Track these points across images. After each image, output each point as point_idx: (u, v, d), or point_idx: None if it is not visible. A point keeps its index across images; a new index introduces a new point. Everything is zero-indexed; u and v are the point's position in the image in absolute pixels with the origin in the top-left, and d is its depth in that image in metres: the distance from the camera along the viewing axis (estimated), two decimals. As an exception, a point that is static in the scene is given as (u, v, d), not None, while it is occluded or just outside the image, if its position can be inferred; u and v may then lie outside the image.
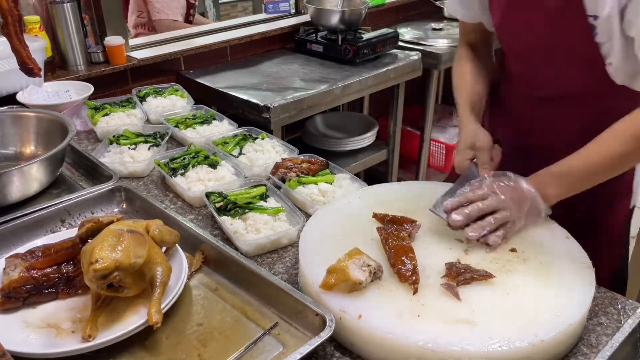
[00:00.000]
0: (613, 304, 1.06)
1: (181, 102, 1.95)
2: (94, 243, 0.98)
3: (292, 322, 1.01)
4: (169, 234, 1.11)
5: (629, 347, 0.99)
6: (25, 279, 1.02)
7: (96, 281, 0.94)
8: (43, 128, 1.57)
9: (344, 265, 0.99)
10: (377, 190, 1.32)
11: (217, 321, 1.03)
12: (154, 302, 0.97)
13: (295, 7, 3.10)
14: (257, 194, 1.32)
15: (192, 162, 1.48)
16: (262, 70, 2.61)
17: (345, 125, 3.03)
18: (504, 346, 0.87)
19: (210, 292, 1.10)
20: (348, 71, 2.59)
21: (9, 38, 1.30)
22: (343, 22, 2.70)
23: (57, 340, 0.96)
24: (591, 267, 1.05)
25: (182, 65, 2.54)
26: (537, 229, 1.16)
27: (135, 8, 3.22)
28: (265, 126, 2.18)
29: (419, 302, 0.96)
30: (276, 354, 0.95)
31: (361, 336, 0.93)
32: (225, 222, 1.23)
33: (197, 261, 1.16)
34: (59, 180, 1.49)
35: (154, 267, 1.01)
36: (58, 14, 2.11)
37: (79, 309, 1.03)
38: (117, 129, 1.67)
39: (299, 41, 2.86)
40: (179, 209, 1.37)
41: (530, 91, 1.39)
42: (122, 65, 2.26)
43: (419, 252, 1.10)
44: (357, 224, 1.19)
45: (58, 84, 2.03)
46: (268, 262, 1.18)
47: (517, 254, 1.09)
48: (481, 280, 1.00)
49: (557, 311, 0.94)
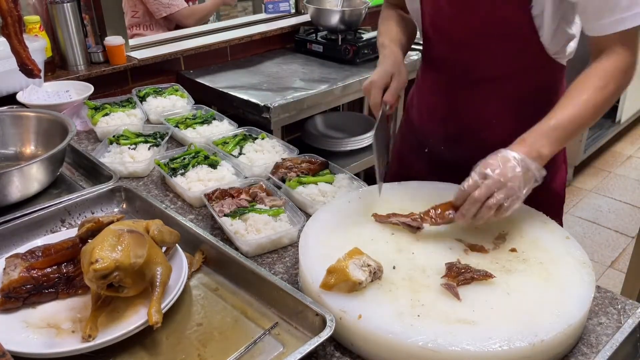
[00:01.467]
0: (613, 304, 1.06)
1: (181, 102, 1.94)
2: (94, 243, 0.98)
3: (292, 322, 1.01)
4: (169, 234, 1.11)
5: (629, 347, 0.99)
6: (25, 279, 1.02)
7: (96, 281, 0.94)
8: (43, 128, 1.57)
9: (344, 265, 0.99)
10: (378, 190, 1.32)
11: (217, 321, 1.03)
12: (154, 302, 0.97)
13: (295, 7, 3.10)
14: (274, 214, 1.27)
15: (192, 162, 1.48)
16: (262, 70, 2.61)
17: (345, 125, 3.03)
18: (504, 346, 0.87)
19: (210, 292, 1.10)
20: (348, 71, 2.59)
21: (8, 39, 1.30)
22: (343, 22, 2.70)
23: (57, 340, 0.96)
24: (591, 267, 1.05)
25: (182, 65, 2.55)
26: (537, 229, 1.16)
27: (129, 9, 3.21)
28: (265, 126, 2.18)
29: (419, 302, 0.96)
30: (276, 354, 0.96)
31: (361, 336, 0.93)
32: (226, 223, 1.23)
33: (197, 261, 1.16)
34: (59, 180, 1.49)
35: (154, 267, 1.01)
36: (58, 14, 2.11)
37: (79, 309, 1.03)
38: (117, 129, 1.67)
39: (299, 41, 2.86)
40: (179, 209, 1.38)
41: (459, 75, 1.38)
42: (122, 65, 2.26)
43: (420, 252, 1.10)
44: (357, 224, 1.19)
45: (58, 84, 2.03)
46: (268, 262, 1.18)
47: (517, 254, 1.09)
48: (481, 280, 1.00)
49: (557, 311, 0.94)
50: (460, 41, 1.33)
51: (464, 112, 1.41)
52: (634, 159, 4.25)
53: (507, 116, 1.36)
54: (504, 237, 1.15)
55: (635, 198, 3.75)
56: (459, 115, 1.42)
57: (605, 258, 3.17)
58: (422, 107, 1.54)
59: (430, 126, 1.50)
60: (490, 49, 1.30)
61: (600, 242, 3.30)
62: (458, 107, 1.42)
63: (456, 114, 1.43)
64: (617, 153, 4.32)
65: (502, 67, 1.32)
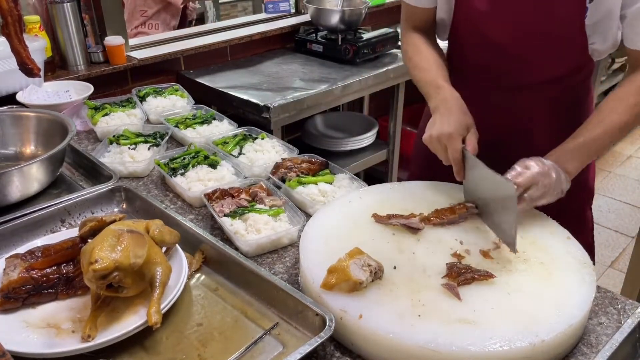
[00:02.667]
0: (613, 304, 1.06)
1: (181, 102, 1.94)
2: (93, 243, 0.98)
3: (292, 322, 1.01)
4: (169, 234, 1.10)
5: (628, 347, 0.99)
6: (25, 279, 1.02)
7: (96, 281, 0.94)
8: (43, 128, 1.57)
9: (345, 265, 0.99)
10: (378, 190, 1.32)
11: (217, 321, 1.03)
12: (153, 303, 0.96)
13: (295, 7, 3.10)
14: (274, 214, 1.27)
15: (192, 162, 1.48)
16: (262, 70, 2.61)
17: (345, 125, 3.03)
18: (504, 346, 0.87)
19: (210, 292, 1.10)
20: (348, 71, 2.59)
21: (8, 38, 1.30)
22: (343, 22, 2.70)
23: (57, 340, 0.96)
24: (592, 267, 1.05)
25: (182, 65, 2.54)
26: (538, 229, 1.16)
27: (137, 8, 3.21)
28: (265, 126, 2.18)
29: (419, 302, 0.96)
30: (276, 354, 0.95)
31: (362, 336, 0.93)
32: (226, 223, 1.23)
33: (197, 261, 1.16)
34: (59, 180, 1.49)
35: (153, 267, 1.01)
36: (58, 14, 2.11)
37: (79, 309, 1.03)
38: (117, 129, 1.67)
39: (299, 41, 2.86)
40: (179, 209, 1.37)
41: (496, 82, 1.38)
42: (122, 65, 2.26)
43: (420, 252, 1.10)
44: (358, 223, 1.18)
45: (58, 84, 2.03)
46: (268, 262, 1.18)
47: (518, 254, 1.09)
48: (482, 280, 1.00)
49: (558, 311, 0.94)
50: (505, 47, 1.31)
51: (498, 118, 1.40)
52: (634, 159, 4.25)
53: (543, 121, 1.37)
54: (504, 237, 1.14)
55: (635, 198, 3.75)
56: (493, 122, 1.40)
57: (605, 258, 3.17)
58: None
59: None
60: (536, 55, 1.30)
61: (600, 242, 3.30)
62: (492, 114, 1.40)
63: (490, 121, 1.39)
64: (617, 153, 4.32)
65: (544, 73, 1.32)
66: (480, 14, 1.32)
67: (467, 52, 1.41)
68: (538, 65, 1.32)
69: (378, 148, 2.94)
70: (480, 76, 1.41)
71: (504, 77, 1.36)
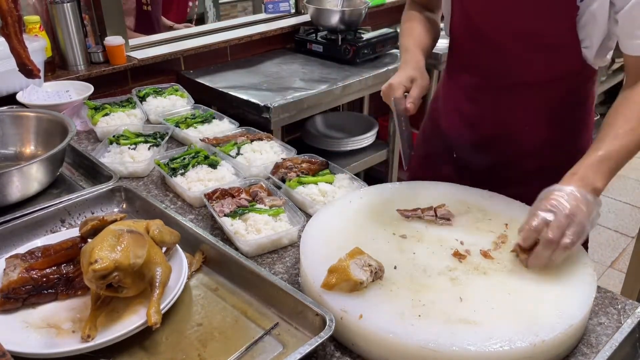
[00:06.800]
0: (613, 304, 1.06)
1: (181, 102, 1.94)
2: (93, 243, 0.98)
3: (292, 322, 1.01)
4: (169, 234, 1.10)
5: (628, 347, 0.99)
6: (25, 279, 1.02)
7: (95, 281, 0.94)
8: (43, 128, 1.57)
9: (345, 265, 0.99)
10: (378, 190, 1.32)
11: (217, 321, 1.03)
12: (153, 303, 0.96)
13: (295, 7, 3.10)
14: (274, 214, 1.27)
15: (192, 162, 1.48)
16: (262, 70, 2.60)
17: (345, 125, 3.03)
18: (505, 346, 0.87)
19: (210, 292, 1.10)
20: (348, 71, 2.59)
21: (8, 39, 1.30)
22: (343, 22, 2.70)
23: (57, 340, 0.96)
24: (592, 267, 1.05)
25: (182, 65, 2.54)
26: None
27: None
28: (265, 126, 2.18)
29: (419, 302, 0.96)
30: (276, 354, 0.95)
31: (362, 336, 0.93)
32: (226, 223, 1.23)
33: (197, 261, 1.16)
34: (59, 180, 1.49)
35: (153, 267, 1.00)
36: (58, 14, 2.10)
37: (79, 309, 1.03)
38: (117, 129, 1.67)
39: (299, 41, 2.86)
40: (179, 209, 1.37)
41: (493, 80, 1.37)
42: (122, 65, 2.25)
43: (421, 252, 1.10)
44: (358, 223, 1.18)
45: (58, 84, 2.03)
46: (268, 262, 1.18)
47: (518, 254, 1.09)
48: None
49: (558, 311, 0.94)
50: (498, 45, 1.31)
51: (496, 117, 1.40)
52: (633, 159, 4.25)
53: (540, 121, 1.35)
54: (505, 238, 1.14)
55: (635, 198, 3.75)
56: (491, 120, 1.40)
57: (605, 258, 3.17)
58: (449, 111, 1.52)
59: (459, 131, 1.48)
60: (528, 55, 1.29)
61: (600, 242, 3.30)
62: (490, 112, 1.40)
63: (488, 119, 1.41)
64: (617, 153, 4.31)
65: (539, 73, 1.31)
66: (473, 11, 1.33)
67: (463, 49, 1.42)
68: (530, 66, 1.31)
69: (378, 148, 2.94)
70: (476, 72, 1.41)
71: (499, 75, 1.36)
